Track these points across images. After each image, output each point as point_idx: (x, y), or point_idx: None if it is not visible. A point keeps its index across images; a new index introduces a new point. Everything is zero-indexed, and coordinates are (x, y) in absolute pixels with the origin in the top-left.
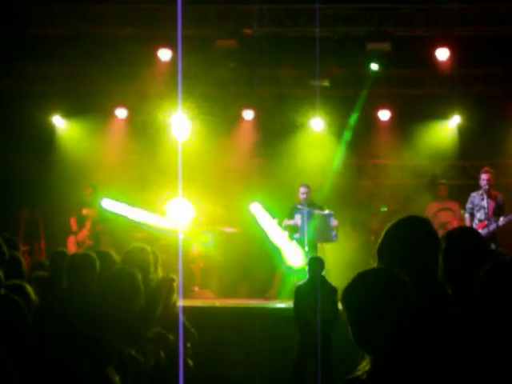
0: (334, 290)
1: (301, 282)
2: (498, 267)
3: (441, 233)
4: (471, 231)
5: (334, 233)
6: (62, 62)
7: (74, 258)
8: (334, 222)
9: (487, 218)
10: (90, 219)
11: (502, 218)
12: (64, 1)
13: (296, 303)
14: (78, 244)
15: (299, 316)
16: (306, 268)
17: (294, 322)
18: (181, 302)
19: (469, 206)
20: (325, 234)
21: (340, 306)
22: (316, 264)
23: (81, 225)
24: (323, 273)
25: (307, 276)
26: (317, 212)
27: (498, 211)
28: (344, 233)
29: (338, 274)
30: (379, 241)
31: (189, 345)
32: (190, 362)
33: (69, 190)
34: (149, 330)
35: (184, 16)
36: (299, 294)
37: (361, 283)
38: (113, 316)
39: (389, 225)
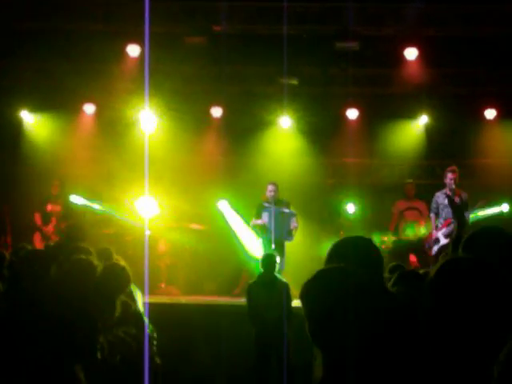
0: (285, 285)
1: (252, 280)
2: (446, 265)
3: (407, 232)
4: None
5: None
6: (30, 56)
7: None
8: (294, 223)
9: (452, 216)
10: (55, 215)
11: (466, 214)
12: None
13: (249, 300)
14: (45, 240)
15: (253, 313)
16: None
17: (249, 320)
18: (146, 299)
19: (433, 206)
20: (282, 232)
21: (295, 301)
22: (268, 261)
23: (46, 221)
24: (277, 269)
25: (259, 273)
26: (281, 210)
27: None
28: (312, 231)
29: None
30: (325, 256)
31: (155, 342)
32: (158, 360)
33: (36, 186)
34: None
35: (153, 12)
36: (251, 291)
37: (323, 280)
38: (78, 307)
39: (333, 243)
